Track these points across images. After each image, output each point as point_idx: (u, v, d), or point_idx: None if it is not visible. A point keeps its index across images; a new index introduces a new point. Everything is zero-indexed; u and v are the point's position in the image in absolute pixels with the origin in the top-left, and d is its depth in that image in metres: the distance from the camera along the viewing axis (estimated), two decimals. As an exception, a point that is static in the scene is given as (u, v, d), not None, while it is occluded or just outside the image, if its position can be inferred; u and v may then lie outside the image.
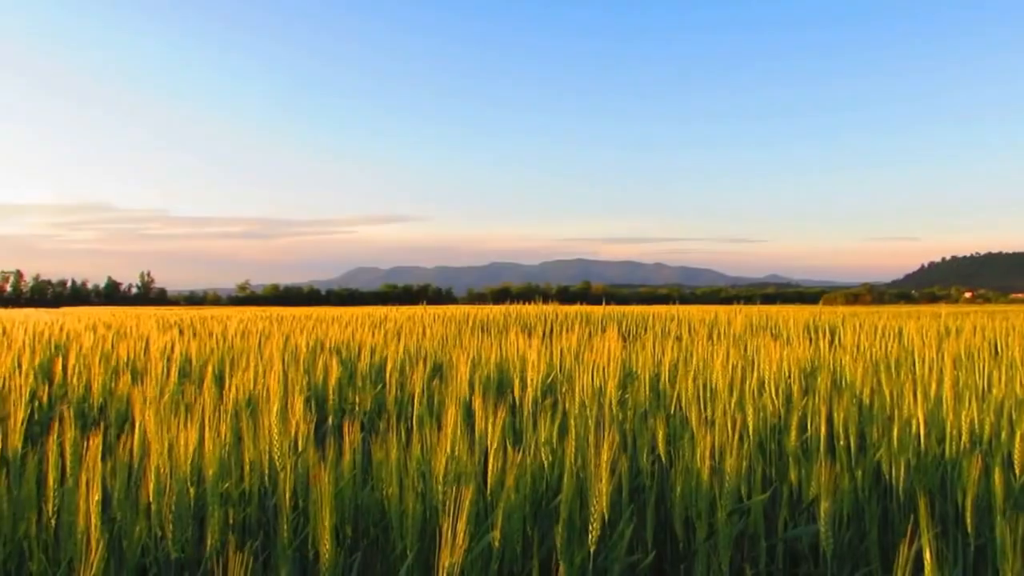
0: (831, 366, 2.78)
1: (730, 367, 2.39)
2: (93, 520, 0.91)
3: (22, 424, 1.55)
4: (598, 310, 9.16)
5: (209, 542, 1.14)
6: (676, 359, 2.77)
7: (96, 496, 0.92)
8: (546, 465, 1.58)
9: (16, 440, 1.11)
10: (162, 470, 1.06)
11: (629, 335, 6.06)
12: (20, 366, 2.42)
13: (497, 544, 1.05)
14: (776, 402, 2.09)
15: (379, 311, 10.85)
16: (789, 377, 2.39)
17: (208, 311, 14.82)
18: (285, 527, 1.17)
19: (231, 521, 1.30)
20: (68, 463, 1.13)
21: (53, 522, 1.14)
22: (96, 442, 1.21)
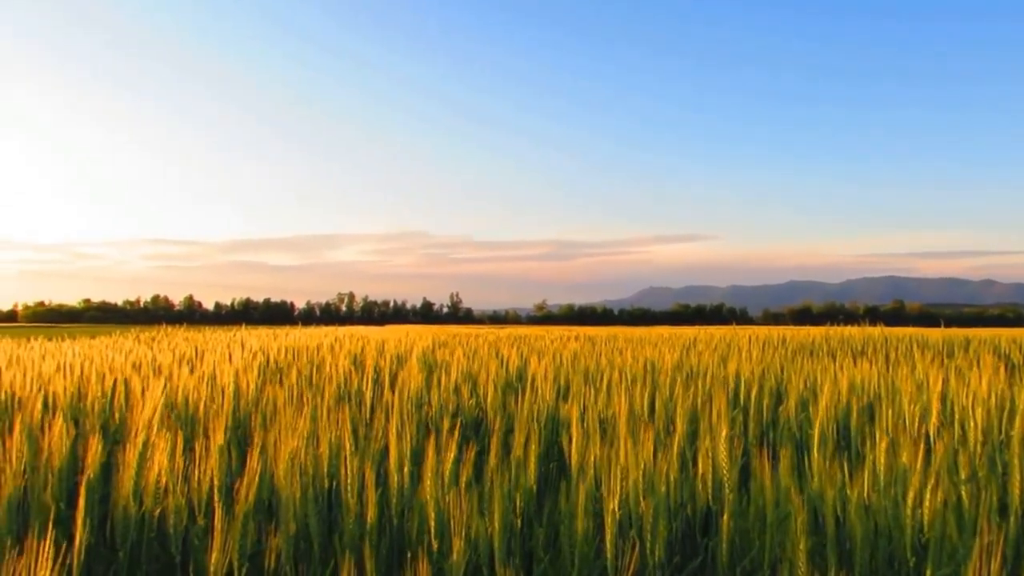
0: None
1: None
2: (612, 526, 1.04)
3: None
4: (935, 333, 8.30)
5: (656, 554, 1.24)
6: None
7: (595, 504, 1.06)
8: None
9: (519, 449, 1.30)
10: (624, 484, 1.18)
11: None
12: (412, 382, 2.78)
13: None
14: None
15: (685, 332, 10.79)
16: None
17: (516, 330, 15.76)
18: (725, 543, 1.24)
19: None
20: (530, 472, 1.30)
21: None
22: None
